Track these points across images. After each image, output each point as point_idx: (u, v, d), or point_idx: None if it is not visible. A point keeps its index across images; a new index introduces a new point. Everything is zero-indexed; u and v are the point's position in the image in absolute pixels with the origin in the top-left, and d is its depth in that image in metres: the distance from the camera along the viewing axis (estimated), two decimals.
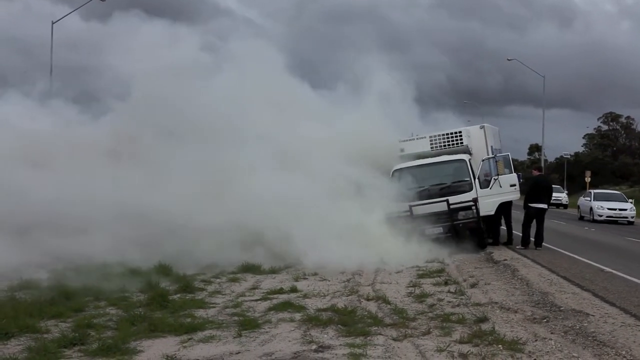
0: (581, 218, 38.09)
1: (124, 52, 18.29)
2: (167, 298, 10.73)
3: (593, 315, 9.71)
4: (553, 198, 28.55)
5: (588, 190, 43.02)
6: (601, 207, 35.89)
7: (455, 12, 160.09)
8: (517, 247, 18.78)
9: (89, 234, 14.91)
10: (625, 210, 35.74)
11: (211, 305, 10.69)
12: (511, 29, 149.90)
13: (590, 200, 37.19)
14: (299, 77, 20.46)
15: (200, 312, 10.03)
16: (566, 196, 55.72)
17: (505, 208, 19.27)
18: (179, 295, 11.39)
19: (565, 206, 53.05)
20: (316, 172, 16.92)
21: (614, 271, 14.58)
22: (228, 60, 19.40)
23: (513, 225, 20.03)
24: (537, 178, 19.74)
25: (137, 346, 8.03)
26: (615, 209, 35.63)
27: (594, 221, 35.27)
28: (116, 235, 14.75)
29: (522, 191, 19.52)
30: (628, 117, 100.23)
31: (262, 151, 17.05)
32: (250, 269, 14.49)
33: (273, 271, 14.46)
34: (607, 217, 35.18)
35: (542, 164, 62.53)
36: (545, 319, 9.55)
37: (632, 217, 35.69)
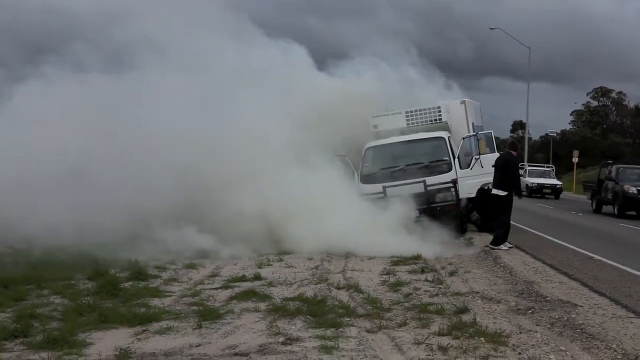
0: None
1: None
2: (117, 286, 10.73)
3: (581, 306, 9.93)
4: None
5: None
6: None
7: None
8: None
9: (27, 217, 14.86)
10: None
11: (167, 293, 10.71)
12: None
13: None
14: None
15: (155, 302, 10.03)
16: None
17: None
18: (130, 282, 11.38)
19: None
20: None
21: (604, 259, 14.89)
22: None
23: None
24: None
25: (86, 338, 8.03)
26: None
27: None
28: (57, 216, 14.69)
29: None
30: (619, 93, 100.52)
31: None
32: (208, 254, 14.53)
33: (234, 257, 14.49)
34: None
35: (526, 143, 63.17)
36: (530, 310, 9.72)
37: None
